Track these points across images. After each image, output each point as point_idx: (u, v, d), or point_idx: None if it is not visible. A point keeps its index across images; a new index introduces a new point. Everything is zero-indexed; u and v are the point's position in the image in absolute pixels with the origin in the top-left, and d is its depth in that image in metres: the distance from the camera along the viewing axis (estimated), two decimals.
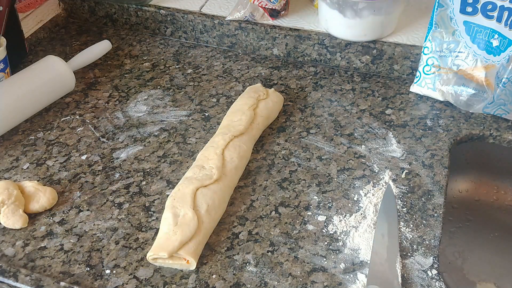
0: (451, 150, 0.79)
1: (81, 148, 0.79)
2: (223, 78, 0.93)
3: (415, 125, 0.82)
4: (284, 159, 0.77)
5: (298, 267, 0.62)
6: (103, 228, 0.67)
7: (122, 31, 1.06)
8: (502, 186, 0.89)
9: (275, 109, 0.83)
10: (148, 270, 0.62)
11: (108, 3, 1.04)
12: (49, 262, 0.63)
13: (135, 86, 0.92)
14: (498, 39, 0.75)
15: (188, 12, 1.00)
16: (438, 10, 0.79)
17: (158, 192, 0.72)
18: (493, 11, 0.74)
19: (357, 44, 0.91)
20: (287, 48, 0.96)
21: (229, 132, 0.75)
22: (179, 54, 0.99)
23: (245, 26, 0.96)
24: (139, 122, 0.84)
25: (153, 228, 0.67)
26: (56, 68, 0.86)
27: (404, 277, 0.61)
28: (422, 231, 0.66)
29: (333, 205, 0.70)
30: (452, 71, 0.81)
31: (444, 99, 0.85)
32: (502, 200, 0.89)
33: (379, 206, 0.69)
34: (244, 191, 0.72)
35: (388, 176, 0.73)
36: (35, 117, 0.85)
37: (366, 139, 0.80)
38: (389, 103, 0.87)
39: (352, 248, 0.64)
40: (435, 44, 0.82)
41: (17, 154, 0.78)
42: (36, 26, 1.03)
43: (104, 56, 0.98)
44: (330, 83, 0.91)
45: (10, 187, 0.68)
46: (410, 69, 0.91)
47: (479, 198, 0.90)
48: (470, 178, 0.90)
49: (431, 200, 0.70)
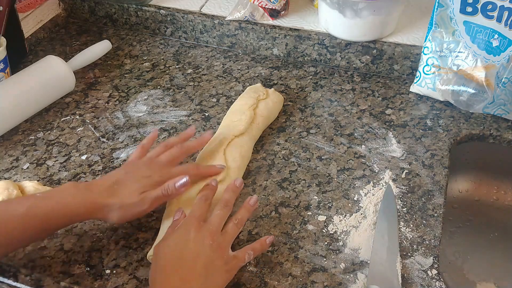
0: (451, 150, 0.79)
1: (81, 148, 0.79)
2: (223, 78, 0.93)
3: (415, 125, 0.82)
4: (284, 159, 0.77)
5: (298, 267, 0.62)
6: (103, 228, 0.67)
7: (122, 31, 1.06)
8: (502, 186, 0.89)
9: (275, 109, 0.83)
10: (148, 270, 0.62)
11: (108, 3, 1.04)
12: (49, 262, 0.63)
13: (135, 86, 0.92)
14: (498, 39, 0.75)
15: (188, 12, 1.00)
16: (438, 10, 0.79)
17: None
18: (493, 11, 0.74)
19: (357, 44, 0.91)
20: (287, 48, 0.96)
21: (230, 132, 0.75)
22: (179, 54, 0.99)
23: (245, 26, 0.96)
24: (139, 122, 0.84)
25: (153, 228, 0.67)
26: (56, 68, 0.86)
27: (404, 277, 0.61)
28: (422, 231, 0.66)
29: (333, 205, 0.70)
30: (452, 71, 0.81)
31: (444, 99, 0.85)
32: (502, 200, 0.89)
33: (379, 206, 0.69)
34: (244, 191, 0.72)
35: (388, 176, 0.73)
36: (35, 117, 0.85)
37: (366, 139, 0.80)
38: (389, 103, 0.87)
39: (352, 248, 0.64)
40: (435, 44, 0.82)
41: (17, 154, 0.78)
42: (36, 26, 1.03)
43: (104, 56, 0.98)
44: (330, 83, 0.91)
45: (10, 187, 0.68)
46: (410, 69, 0.91)
47: (479, 198, 0.90)
48: (470, 178, 0.90)
49: (431, 200, 0.70)
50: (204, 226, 0.57)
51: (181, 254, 0.55)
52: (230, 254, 0.57)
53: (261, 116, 0.79)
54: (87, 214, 0.59)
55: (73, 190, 0.60)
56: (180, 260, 0.54)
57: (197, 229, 0.57)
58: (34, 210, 0.57)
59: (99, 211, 0.60)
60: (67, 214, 0.58)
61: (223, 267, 0.56)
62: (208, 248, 0.55)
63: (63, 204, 0.58)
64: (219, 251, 0.56)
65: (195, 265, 0.54)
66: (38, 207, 0.57)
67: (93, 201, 0.59)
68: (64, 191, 0.60)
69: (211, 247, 0.56)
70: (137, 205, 0.60)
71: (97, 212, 0.60)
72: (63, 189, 0.60)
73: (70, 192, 0.59)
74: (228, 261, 0.57)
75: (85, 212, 0.59)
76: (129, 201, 0.60)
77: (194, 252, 0.55)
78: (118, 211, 0.60)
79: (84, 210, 0.59)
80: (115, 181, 0.62)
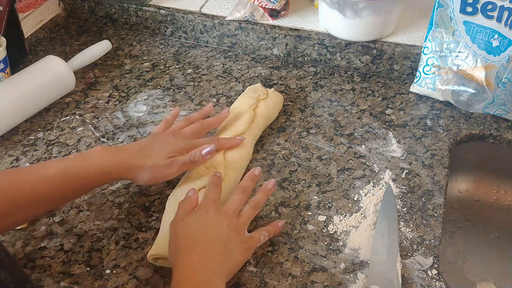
0: (451, 150, 0.79)
1: (81, 148, 0.79)
2: (223, 78, 0.93)
3: (415, 125, 0.82)
4: (284, 159, 0.77)
5: (298, 267, 0.62)
6: (103, 228, 0.67)
7: (122, 31, 1.06)
8: (502, 186, 0.89)
9: (275, 109, 0.83)
10: (148, 270, 0.62)
11: (108, 3, 1.04)
12: (49, 262, 0.63)
13: (135, 86, 0.92)
14: (498, 39, 0.75)
15: (188, 12, 1.00)
16: (438, 10, 0.79)
17: (158, 192, 0.72)
18: (493, 11, 0.74)
19: (357, 44, 0.91)
20: (287, 48, 0.96)
21: (230, 132, 0.75)
22: (179, 54, 0.99)
23: (245, 26, 0.96)
24: (139, 122, 0.84)
25: (153, 228, 0.67)
26: (56, 68, 0.86)
27: (404, 277, 0.61)
28: (422, 231, 0.66)
29: (333, 205, 0.70)
30: (452, 71, 0.81)
31: (444, 99, 0.85)
32: (502, 200, 0.89)
33: (379, 206, 0.69)
34: None
35: (388, 176, 0.73)
36: (35, 117, 0.85)
37: (366, 139, 0.80)
38: (389, 103, 0.87)
39: (352, 248, 0.64)
40: (435, 44, 0.82)
41: (17, 154, 0.78)
42: (36, 26, 1.03)
43: (104, 56, 0.98)
44: (330, 83, 0.91)
45: None
46: (410, 69, 0.91)
47: (479, 198, 0.90)
48: (470, 178, 0.90)
49: (431, 200, 0.70)
50: (222, 209, 0.60)
51: (201, 232, 0.57)
52: (246, 235, 0.60)
53: (261, 116, 0.79)
54: (119, 173, 0.63)
55: (105, 152, 0.64)
56: (201, 237, 0.57)
57: (215, 211, 0.59)
58: (70, 170, 0.61)
59: (130, 171, 0.63)
60: (101, 174, 0.62)
61: (241, 246, 0.59)
62: (226, 228, 0.58)
63: (97, 164, 0.62)
64: (236, 231, 0.59)
65: (215, 243, 0.57)
66: (74, 167, 0.61)
67: (125, 161, 0.63)
68: (97, 153, 0.63)
69: (228, 227, 0.58)
70: (167, 167, 0.65)
71: (129, 171, 0.63)
72: (95, 151, 0.64)
73: (102, 153, 0.63)
74: (245, 240, 0.59)
75: (118, 171, 0.63)
76: (160, 163, 0.64)
77: (214, 231, 0.58)
78: (148, 172, 0.64)
79: (117, 169, 0.63)
80: (144, 146, 0.66)
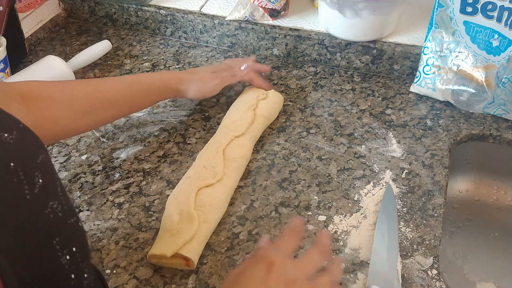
0: (451, 150, 0.79)
1: (81, 148, 0.79)
2: None
3: (415, 125, 0.82)
4: (284, 159, 0.77)
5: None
6: (103, 228, 0.67)
7: (122, 31, 1.06)
8: (502, 186, 0.89)
9: (275, 109, 0.83)
10: (148, 270, 0.62)
11: (108, 3, 1.04)
12: None
13: None
14: (498, 39, 0.75)
15: (188, 12, 1.00)
16: (438, 10, 0.79)
17: (158, 192, 0.72)
18: (493, 11, 0.74)
19: (357, 44, 0.91)
20: (287, 48, 0.96)
21: (230, 132, 0.75)
22: (179, 54, 0.99)
23: (245, 26, 0.96)
24: (139, 122, 0.84)
25: (153, 228, 0.67)
26: (56, 68, 0.86)
27: (404, 277, 0.61)
28: (422, 231, 0.66)
29: (333, 205, 0.70)
30: (452, 71, 0.81)
31: (444, 99, 0.85)
32: (502, 200, 0.89)
33: (379, 206, 0.69)
34: (244, 191, 0.72)
35: (388, 176, 0.73)
36: None
37: (366, 139, 0.80)
38: (389, 103, 0.87)
39: (352, 248, 0.64)
40: (435, 44, 0.82)
41: None
42: (36, 26, 1.03)
43: (104, 56, 0.98)
44: (330, 83, 0.91)
45: None
46: (410, 69, 0.91)
47: (479, 198, 0.90)
48: (470, 178, 0.90)
49: (431, 200, 0.70)
50: None
51: None
52: None
53: (261, 116, 0.79)
54: (176, 84, 0.78)
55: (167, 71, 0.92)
56: None
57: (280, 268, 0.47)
58: (140, 79, 0.78)
59: (184, 83, 0.78)
60: (163, 86, 0.77)
61: None
62: None
63: (160, 78, 0.78)
64: None
65: None
66: (144, 76, 0.82)
67: (180, 75, 0.79)
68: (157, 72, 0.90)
69: None
70: (211, 79, 0.80)
71: (182, 83, 0.78)
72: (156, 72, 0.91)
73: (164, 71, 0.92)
74: None
75: (175, 83, 0.77)
76: (206, 76, 0.80)
77: None
78: (197, 84, 0.79)
79: (174, 82, 0.78)
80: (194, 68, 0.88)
